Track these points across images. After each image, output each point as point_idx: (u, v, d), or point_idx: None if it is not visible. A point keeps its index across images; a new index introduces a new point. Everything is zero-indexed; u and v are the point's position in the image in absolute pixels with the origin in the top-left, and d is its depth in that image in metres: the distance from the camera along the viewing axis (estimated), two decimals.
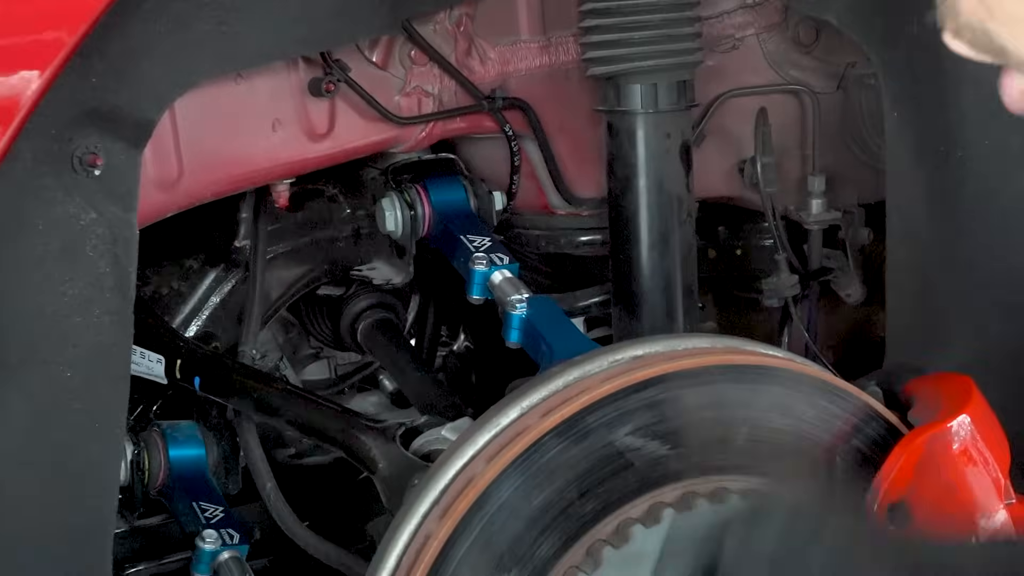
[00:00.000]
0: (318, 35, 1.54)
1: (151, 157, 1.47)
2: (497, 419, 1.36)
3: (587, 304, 1.94)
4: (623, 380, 1.36)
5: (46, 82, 0.97)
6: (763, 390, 1.40)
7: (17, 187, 1.21)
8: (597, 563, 1.31)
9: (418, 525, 1.34)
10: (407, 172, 1.86)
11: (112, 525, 1.39)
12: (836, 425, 1.42)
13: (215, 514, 1.67)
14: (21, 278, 1.25)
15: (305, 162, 1.68)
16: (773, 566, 1.27)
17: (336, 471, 1.85)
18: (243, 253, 1.79)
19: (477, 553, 1.32)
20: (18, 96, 0.96)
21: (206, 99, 1.53)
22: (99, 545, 1.37)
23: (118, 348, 1.33)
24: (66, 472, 1.33)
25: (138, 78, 1.29)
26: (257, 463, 1.73)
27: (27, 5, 0.95)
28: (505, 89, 1.80)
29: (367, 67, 1.69)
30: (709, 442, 1.37)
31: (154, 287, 1.78)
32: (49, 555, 1.34)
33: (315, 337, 2.09)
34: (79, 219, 1.26)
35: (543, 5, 1.79)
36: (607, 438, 1.34)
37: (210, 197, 1.61)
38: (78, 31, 0.97)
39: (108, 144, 1.26)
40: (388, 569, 1.34)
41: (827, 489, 1.41)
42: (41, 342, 1.28)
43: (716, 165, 1.92)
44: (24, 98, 0.97)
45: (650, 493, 1.34)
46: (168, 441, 1.71)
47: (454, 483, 1.35)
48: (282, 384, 1.84)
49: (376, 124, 1.70)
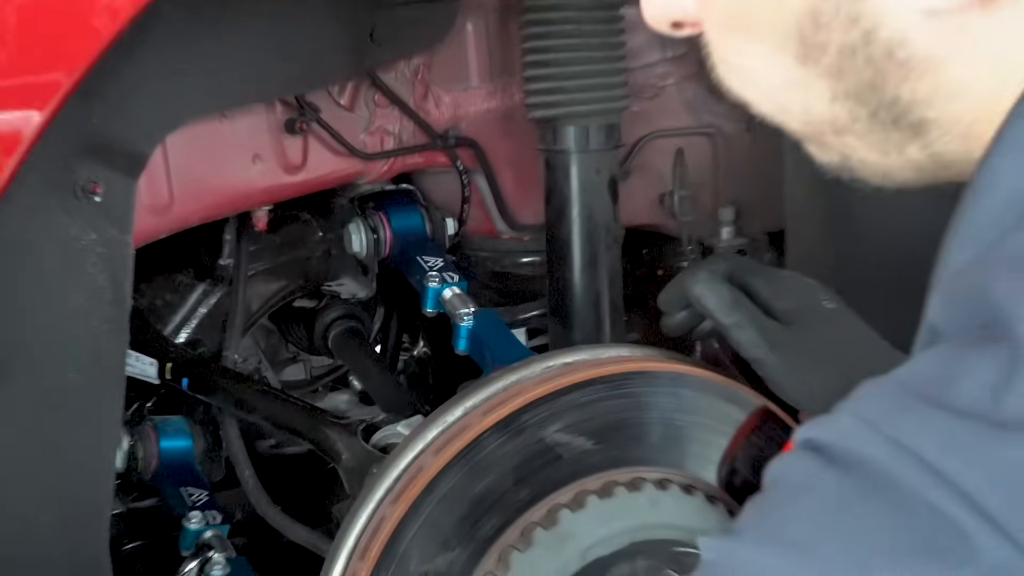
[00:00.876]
0: (293, 81, 1.55)
1: (145, 186, 1.46)
2: (444, 417, 1.36)
3: (527, 316, 1.94)
4: (554, 384, 1.37)
5: (46, 119, 0.97)
6: (674, 393, 1.41)
7: (24, 210, 1.20)
8: (529, 543, 1.31)
9: (375, 509, 1.34)
10: (371, 200, 1.87)
11: (109, 507, 1.38)
12: (740, 424, 1.43)
13: (200, 498, 1.67)
14: (28, 291, 1.25)
15: (281, 191, 1.68)
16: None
17: (307, 462, 1.84)
18: (227, 270, 1.78)
19: (425, 534, 1.32)
20: (20, 131, 0.96)
21: (194, 135, 1.52)
22: (97, 524, 1.36)
23: (115, 353, 1.32)
24: (68, 460, 1.32)
25: (132, 116, 1.28)
26: (237, 454, 1.73)
27: (28, 50, 0.94)
28: (457, 129, 1.81)
29: (336, 109, 1.69)
30: (627, 438, 1.38)
31: (148, 299, 1.78)
32: (52, 532, 1.33)
33: (292, 343, 2.09)
34: (80, 239, 1.26)
35: (491, 56, 1.80)
36: (539, 434, 1.34)
37: (197, 221, 1.61)
38: (75, 75, 0.96)
39: (107, 174, 1.26)
40: (348, 547, 1.34)
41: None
42: (46, 347, 1.27)
43: (640, 197, 1.93)
44: (26, 132, 0.97)
45: (576, 482, 1.34)
46: (159, 434, 1.71)
47: (406, 472, 1.35)
48: (259, 385, 1.85)
49: (344, 159, 1.70)
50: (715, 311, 1.27)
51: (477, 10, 1.76)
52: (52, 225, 1.24)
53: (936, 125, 0.78)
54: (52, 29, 0.96)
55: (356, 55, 1.56)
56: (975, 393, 0.66)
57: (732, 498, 1.42)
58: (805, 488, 0.72)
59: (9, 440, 1.26)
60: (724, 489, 1.42)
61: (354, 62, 1.58)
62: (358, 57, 1.57)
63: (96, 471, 1.36)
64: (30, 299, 1.25)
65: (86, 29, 0.96)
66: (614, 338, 1.74)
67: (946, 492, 0.64)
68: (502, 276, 2.03)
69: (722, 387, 1.43)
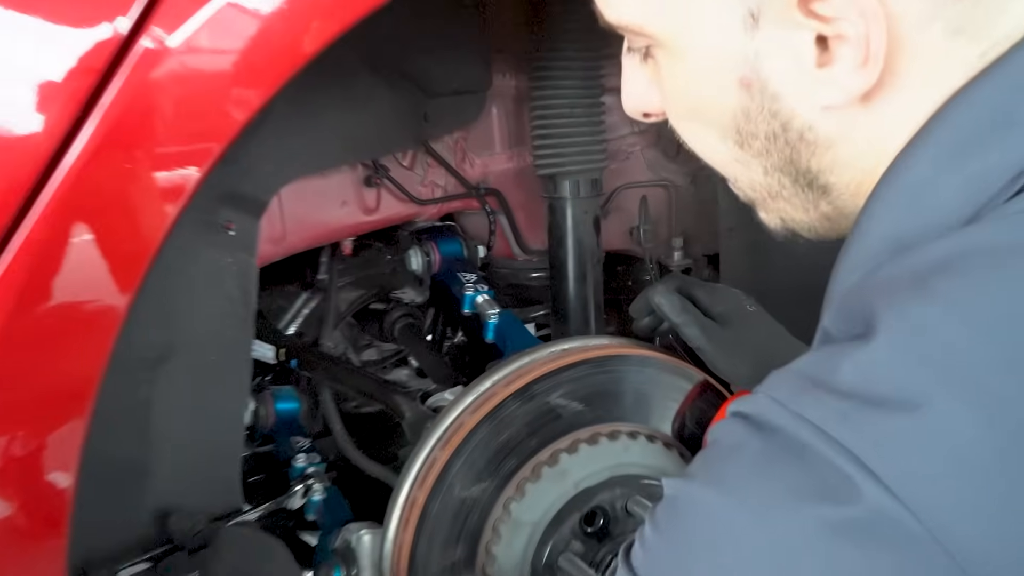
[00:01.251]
0: (369, 149, 1.55)
1: (265, 223, 1.45)
2: (477, 387, 1.36)
3: (535, 316, 1.95)
4: (556, 363, 1.37)
5: (202, 176, 0.97)
6: (641, 370, 1.41)
7: (183, 241, 1.20)
8: (538, 477, 1.31)
9: (428, 452, 1.34)
10: (425, 233, 1.86)
11: (240, 449, 1.39)
12: (688, 392, 1.43)
13: (303, 444, 1.66)
14: (186, 297, 1.25)
15: (361, 227, 1.67)
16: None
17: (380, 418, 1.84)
18: (323, 283, 1.79)
19: (465, 470, 1.32)
20: (184, 184, 0.96)
21: (300, 187, 1.52)
22: (232, 460, 1.37)
23: (244, 341, 1.32)
24: (212, 416, 1.32)
25: (256, 175, 1.29)
26: (330, 413, 1.72)
27: (193, 127, 0.95)
28: (485, 182, 1.81)
29: (400, 168, 1.69)
30: (607, 403, 1.38)
31: (267, 303, 1.78)
32: (204, 465, 1.34)
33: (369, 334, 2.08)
34: (220, 262, 1.26)
35: (509, 131, 1.80)
36: (545, 399, 1.34)
37: (302, 248, 1.61)
38: (222, 145, 0.97)
39: (238, 215, 1.26)
40: (409, 479, 1.34)
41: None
42: (198, 337, 1.27)
43: (616, 230, 1.92)
44: (188, 185, 0.96)
45: (571, 434, 1.34)
46: (275, 399, 1.69)
47: (451, 426, 1.35)
48: (346, 364, 1.84)
49: (406, 204, 1.70)
50: (669, 314, 1.28)
51: (500, 98, 1.76)
52: (202, 252, 1.24)
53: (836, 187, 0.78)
54: (210, 113, 0.96)
55: (414, 131, 1.56)
56: (853, 379, 0.66)
57: (682, 445, 1.42)
58: (737, 447, 0.71)
59: (174, 401, 1.26)
60: (676, 439, 1.42)
61: (413, 136, 1.58)
62: (416, 132, 1.57)
63: (231, 424, 1.36)
64: (187, 303, 1.25)
65: (230, 115, 0.96)
66: (598, 331, 1.75)
67: (838, 451, 0.64)
68: (517, 287, 2.03)
69: (675, 366, 1.43)
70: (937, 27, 0.69)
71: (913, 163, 0.72)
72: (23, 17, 0.88)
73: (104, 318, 0.98)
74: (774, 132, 0.76)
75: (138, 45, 0.89)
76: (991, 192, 0.68)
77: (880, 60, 0.69)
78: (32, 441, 1.00)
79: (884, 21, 0.68)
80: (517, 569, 1.31)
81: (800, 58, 0.71)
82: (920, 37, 0.69)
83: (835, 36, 0.70)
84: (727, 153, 0.81)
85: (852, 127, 0.74)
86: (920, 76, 0.70)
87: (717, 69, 0.75)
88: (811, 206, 0.81)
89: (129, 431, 1.24)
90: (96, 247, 0.94)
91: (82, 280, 0.95)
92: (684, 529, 0.72)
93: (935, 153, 0.71)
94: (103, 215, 0.93)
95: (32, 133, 0.88)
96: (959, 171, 0.69)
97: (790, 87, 0.73)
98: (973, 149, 0.69)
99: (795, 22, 0.70)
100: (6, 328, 0.92)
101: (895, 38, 0.69)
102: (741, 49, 0.73)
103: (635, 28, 0.77)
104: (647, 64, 0.82)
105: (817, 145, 0.76)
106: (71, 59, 0.88)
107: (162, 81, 0.90)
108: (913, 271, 0.67)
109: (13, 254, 0.90)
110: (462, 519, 1.32)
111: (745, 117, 0.76)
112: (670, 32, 0.75)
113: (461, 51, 1.54)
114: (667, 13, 0.74)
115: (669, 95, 0.81)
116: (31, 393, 0.98)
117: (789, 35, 0.71)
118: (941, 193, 0.70)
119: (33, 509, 1.03)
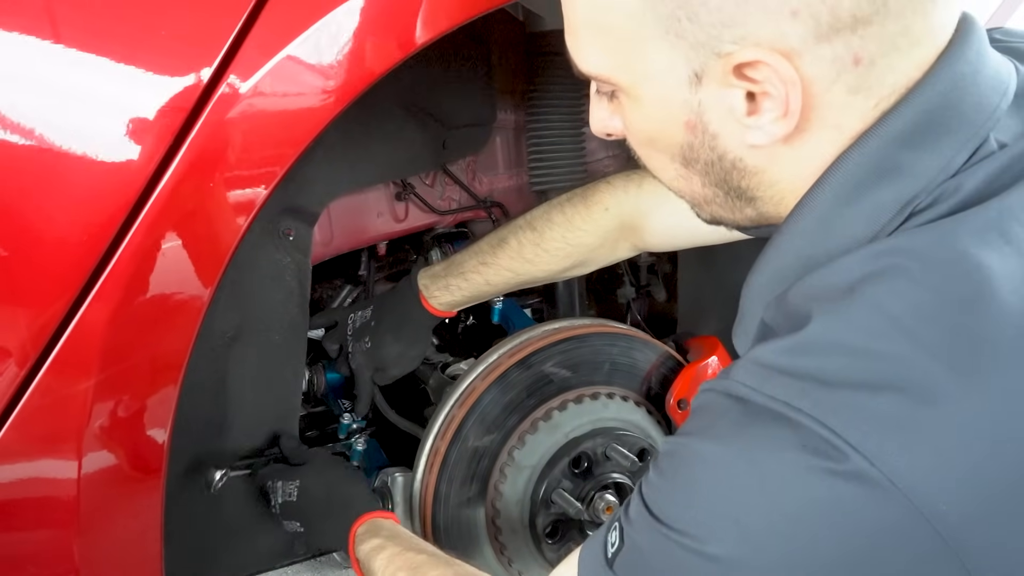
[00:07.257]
0: (399, 171, 1.55)
1: (317, 230, 1.46)
2: (487, 359, 1.37)
3: (532, 302, 1.93)
4: (549, 339, 1.38)
5: (268, 193, 0.97)
6: (618, 344, 1.42)
7: (252, 246, 1.21)
8: (535, 430, 1.32)
9: (448, 411, 1.35)
10: (443, 237, 1.84)
11: (298, 410, 1.38)
12: (653, 361, 1.43)
13: (348, 406, 1.65)
14: (254, 290, 1.25)
15: (393, 233, 1.66)
16: None
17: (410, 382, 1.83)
18: (362, 278, 1.77)
19: (477, 424, 1.33)
20: (255, 200, 0.96)
21: (345, 201, 1.52)
22: (291, 420, 1.37)
23: (301, 324, 1.32)
24: (275, 384, 1.32)
25: (310, 192, 1.29)
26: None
27: (262, 154, 0.95)
28: (491, 197, 1.79)
29: (424, 186, 1.68)
30: (590, 370, 1.39)
31: (318, 294, 1.76)
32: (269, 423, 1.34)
33: None
34: (282, 261, 1.26)
35: (510, 155, 1.79)
36: (541, 368, 1.35)
37: (346, 249, 1.60)
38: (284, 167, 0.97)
39: (296, 224, 1.26)
40: (433, 432, 1.35)
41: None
42: (264, 321, 1.27)
43: None
44: (258, 201, 0.96)
45: (562, 395, 1.35)
46: (325, 369, 1.68)
47: (466, 389, 1.36)
48: None
49: (428, 214, 1.69)
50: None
51: (502, 130, 1.75)
52: (267, 253, 1.24)
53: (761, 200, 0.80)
54: (277, 142, 0.96)
55: (435, 156, 1.56)
56: (803, 365, 0.67)
57: (649, 403, 1.43)
58: (721, 410, 0.72)
59: (245, 373, 1.27)
60: (644, 398, 1.43)
61: (434, 160, 1.57)
62: (436, 157, 1.57)
63: (291, 390, 1.36)
64: (255, 294, 1.25)
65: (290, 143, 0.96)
66: (581, 313, 1.74)
67: (806, 418, 0.65)
68: None
69: (643, 341, 1.44)
70: (840, 87, 0.71)
71: (818, 201, 0.75)
72: (129, 68, 0.89)
73: (191, 306, 0.99)
74: (712, 160, 0.78)
75: (218, 90, 0.90)
76: (883, 221, 0.72)
77: (797, 112, 0.71)
78: (135, 404, 1.01)
79: (800, 84, 0.70)
80: (519, 503, 1.32)
81: (734, 109, 0.73)
82: (827, 95, 0.71)
83: (762, 93, 0.72)
84: (674, 171, 0.82)
85: (775, 160, 0.76)
86: (828, 123, 0.73)
87: (668, 114, 0.76)
88: (738, 211, 0.82)
89: (211, 396, 1.24)
90: (185, 250, 0.95)
91: (174, 276, 0.96)
92: (687, 473, 0.72)
93: (835, 193, 0.74)
94: (190, 225, 0.94)
95: (135, 159, 0.90)
96: (856, 204, 0.73)
97: (726, 130, 0.75)
98: (865, 189, 0.72)
99: (730, 83, 0.72)
100: (115, 314, 0.93)
101: (808, 95, 0.71)
102: (688, 100, 0.74)
103: (603, 78, 0.79)
104: (612, 101, 0.83)
105: (746, 171, 0.77)
106: (166, 101, 0.89)
107: (236, 119, 0.91)
108: (842, 282, 0.70)
109: (120, 255, 0.91)
110: (475, 464, 1.33)
111: (690, 148, 0.78)
112: (631, 83, 0.76)
113: (472, 93, 1.54)
114: (629, 69, 0.75)
115: (630, 127, 0.82)
116: (134, 366, 0.99)
117: (726, 92, 0.73)
118: (843, 222, 0.73)
119: (136, 458, 1.04)
